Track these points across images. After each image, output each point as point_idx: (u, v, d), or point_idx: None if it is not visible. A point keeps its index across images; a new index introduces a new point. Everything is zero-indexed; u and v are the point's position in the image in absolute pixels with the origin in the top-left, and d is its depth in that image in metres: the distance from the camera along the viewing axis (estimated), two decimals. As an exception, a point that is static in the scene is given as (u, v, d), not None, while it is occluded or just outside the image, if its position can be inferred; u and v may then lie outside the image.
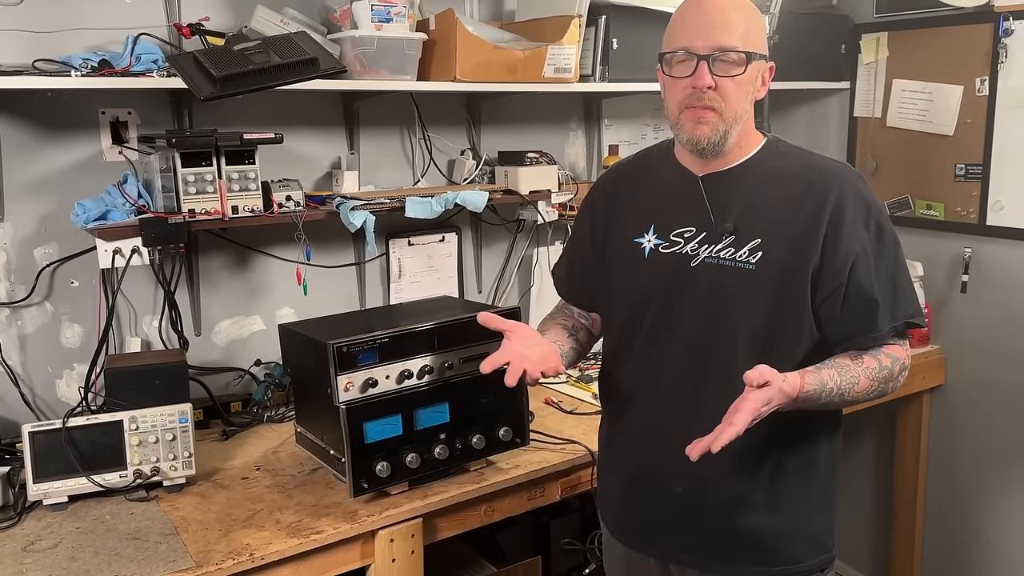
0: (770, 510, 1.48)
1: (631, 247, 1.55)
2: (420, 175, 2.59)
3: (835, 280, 1.41)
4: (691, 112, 1.41)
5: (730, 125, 1.41)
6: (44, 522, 1.70)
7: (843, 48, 2.96)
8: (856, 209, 1.41)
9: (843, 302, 1.41)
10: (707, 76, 1.37)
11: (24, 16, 1.95)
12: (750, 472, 1.47)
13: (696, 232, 1.48)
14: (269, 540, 1.62)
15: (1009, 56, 2.55)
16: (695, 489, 1.49)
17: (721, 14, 1.40)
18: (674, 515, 1.53)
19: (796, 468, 1.48)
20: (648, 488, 1.56)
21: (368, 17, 2.08)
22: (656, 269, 1.51)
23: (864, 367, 1.42)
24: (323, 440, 1.86)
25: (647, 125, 3.03)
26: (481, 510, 1.89)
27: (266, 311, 2.40)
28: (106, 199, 1.99)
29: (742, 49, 1.38)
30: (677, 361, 1.50)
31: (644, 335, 1.53)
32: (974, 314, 2.75)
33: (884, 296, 1.42)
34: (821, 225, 1.40)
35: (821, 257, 1.40)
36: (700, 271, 1.46)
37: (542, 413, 2.24)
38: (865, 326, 1.42)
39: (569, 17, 2.34)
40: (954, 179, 2.73)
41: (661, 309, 1.51)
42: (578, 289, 1.73)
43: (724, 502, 1.48)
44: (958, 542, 2.92)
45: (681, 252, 1.49)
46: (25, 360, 2.10)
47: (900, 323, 1.44)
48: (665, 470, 1.51)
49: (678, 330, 1.49)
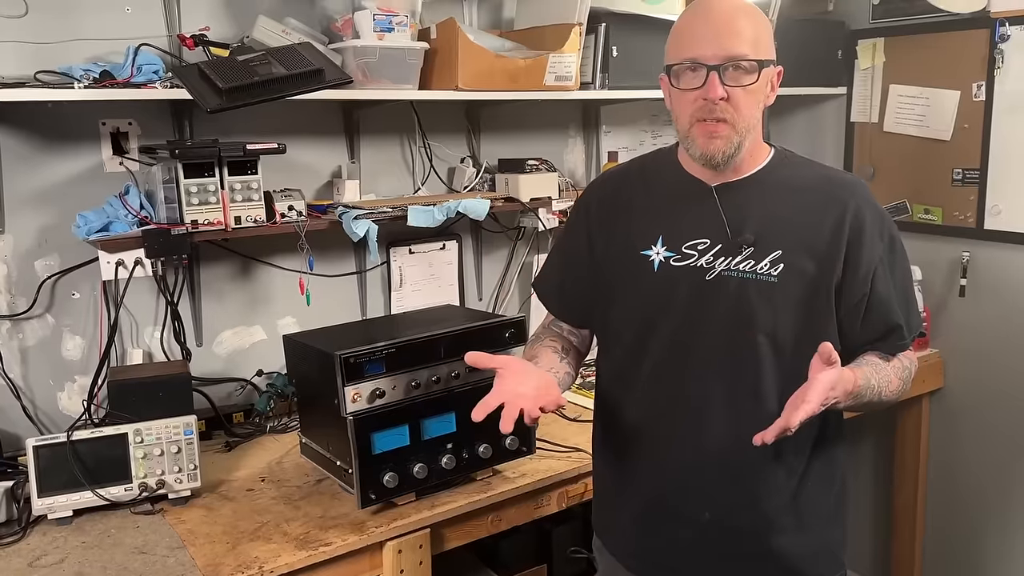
0: (799, 529, 1.45)
1: (638, 260, 1.47)
2: (420, 183, 2.59)
3: (859, 291, 1.40)
4: (703, 127, 1.36)
5: (743, 136, 1.36)
6: (49, 537, 1.69)
7: (840, 54, 2.98)
8: (873, 221, 1.41)
9: (865, 312, 1.41)
10: (719, 87, 1.32)
11: (24, 27, 1.94)
12: (780, 491, 1.43)
13: (711, 244, 1.42)
14: (277, 553, 1.62)
15: (1006, 61, 2.57)
16: (724, 515, 1.44)
17: (729, 22, 1.34)
18: (700, 543, 1.46)
19: (818, 483, 1.46)
20: (670, 517, 1.48)
21: (370, 27, 2.08)
22: (668, 284, 1.44)
23: (892, 366, 1.43)
24: (329, 451, 1.86)
25: (645, 131, 3.04)
26: (488, 519, 1.88)
27: (268, 321, 2.40)
28: (108, 210, 1.99)
29: (753, 57, 1.33)
30: (698, 379, 1.43)
31: (657, 353, 1.46)
32: (972, 318, 2.77)
33: (901, 306, 1.43)
34: (843, 236, 1.39)
35: (844, 269, 1.39)
36: (718, 284, 1.41)
37: (546, 421, 2.19)
38: (889, 335, 1.43)
39: (569, 25, 2.35)
40: (952, 184, 2.75)
41: (677, 325, 1.44)
42: (573, 306, 1.63)
43: (756, 525, 1.44)
44: (959, 545, 2.93)
45: (695, 265, 1.42)
46: (27, 373, 2.08)
47: (917, 333, 1.47)
48: (690, 497, 1.46)
49: (697, 346, 1.43)
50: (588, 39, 2.46)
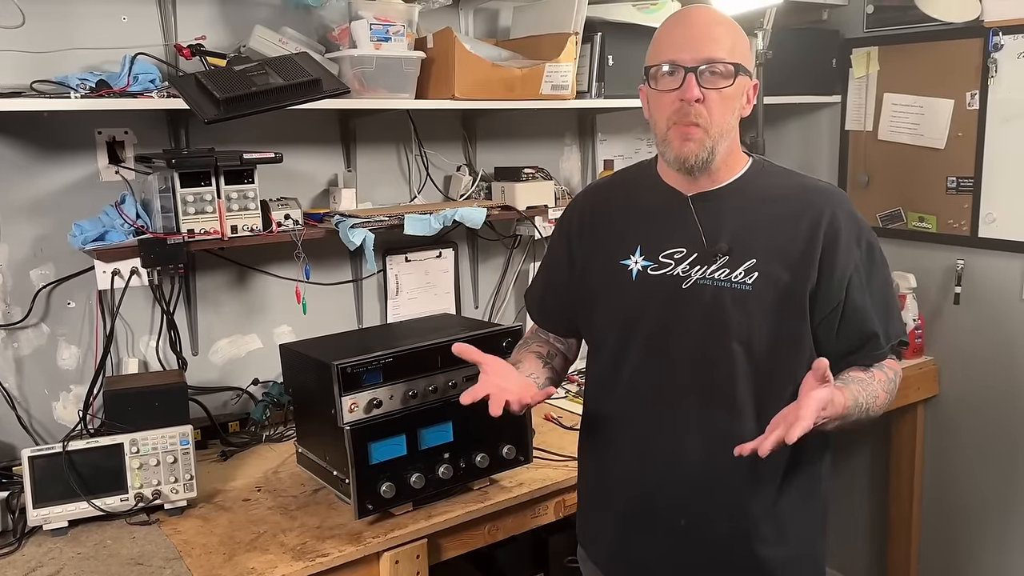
0: (778, 540, 1.45)
1: (617, 269, 1.49)
2: (417, 191, 2.59)
3: (833, 299, 1.41)
4: (678, 129, 1.38)
5: (716, 141, 1.38)
6: (45, 548, 1.69)
7: (834, 62, 2.99)
8: (848, 228, 1.42)
9: (840, 321, 1.42)
10: (695, 88, 1.35)
11: (20, 36, 1.93)
12: (757, 501, 1.43)
13: (687, 253, 1.44)
14: (274, 563, 1.61)
15: (999, 70, 2.59)
16: (699, 523, 1.45)
17: (706, 27, 1.39)
18: (677, 550, 1.47)
19: (799, 493, 1.46)
20: (647, 522, 1.50)
21: (367, 36, 2.08)
22: (645, 292, 1.46)
23: (878, 380, 1.43)
24: (326, 461, 1.85)
25: (640, 139, 3.04)
26: (485, 529, 1.88)
27: (264, 329, 2.39)
28: (104, 220, 1.98)
29: (729, 61, 1.36)
30: (674, 386, 1.45)
31: (635, 360, 1.48)
32: (967, 325, 2.78)
33: (879, 314, 1.43)
34: (817, 244, 1.40)
35: (818, 276, 1.40)
36: (693, 293, 1.42)
37: (542, 429, 2.23)
38: (865, 344, 1.43)
39: (565, 35, 2.36)
40: (946, 192, 2.76)
41: (653, 333, 1.46)
42: (554, 315, 1.68)
43: (732, 533, 1.44)
44: (954, 552, 2.93)
45: (671, 274, 1.45)
46: (21, 382, 2.08)
47: (895, 342, 1.46)
48: (665, 502, 1.47)
49: (673, 354, 1.44)
50: (584, 48, 2.47)
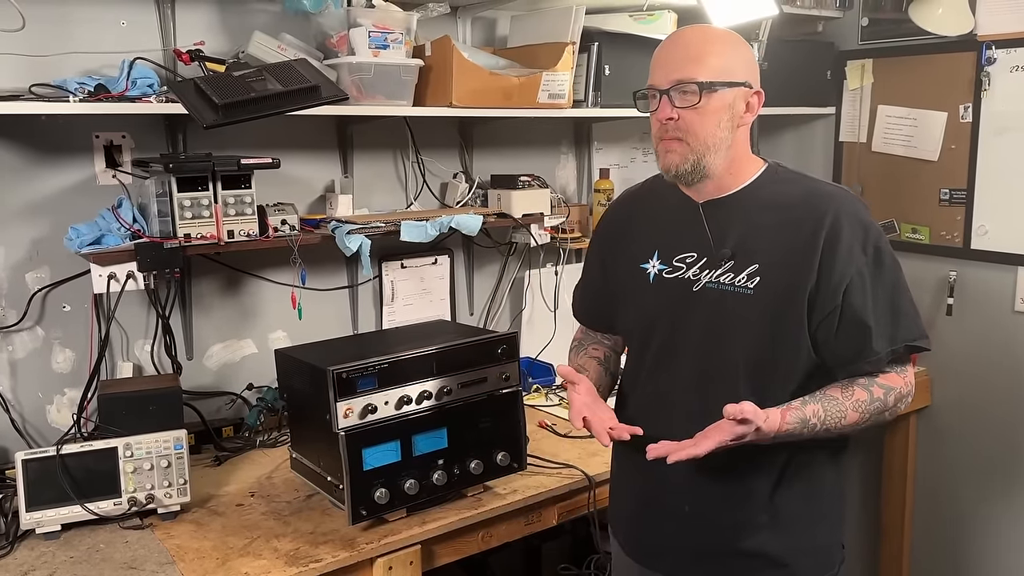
0: (776, 531, 1.50)
1: (638, 272, 1.60)
2: (413, 198, 2.59)
3: (830, 303, 1.42)
4: (662, 143, 1.49)
5: (700, 154, 1.45)
6: (37, 551, 1.68)
7: (829, 74, 3.01)
8: (852, 232, 1.43)
9: (838, 325, 1.43)
10: (666, 109, 1.44)
11: (19, 40, 1.93)
12: (754, 495, 1.50)
13: (697, 258, 1.52)
14: (268, 569, 1.61)
15: (992, 83, 2.61)
16: (701, 510, 1.53)
17: (685, 49, 1.46)
18: (681, 534, 1.56)
19: (801, 489, 1.50)
20: (656, 506, 1.59)
21: (365, 43, 2.09)
22: (661, 294, 1.56)
23: (854, 400, 1.43)
24: (320, 466, 1.85)
25: (636, 148, 3.06)
26: (479, 536, 1.88)
27: (258, 334, 2.39)
28: (100, 223, 1.98)
29: (699, 80, 1.42)
30: (682, 384, 1.53)
31: (652, 358, 1.58)
32: (959, 336, 2.79)
33: (881, 320, 1.43)
34: (817, 248, 1.42)
35: (817, 280, 1.42)
36: (702, 296, 1.50)
37: (536, 437, 2.24)
38: (861, 350, 1.43)
39: (563, 44, 2.37)
40: (939, 203, 2.78)
41: (666, 333, 1.56)
42: (592, 313, 1.80)
43: (731, 524, 1.51)
44: (946, 562, 2.94)
45: (683, 277, 1.53)
46: (16, 385, 2.07)
47: (900, 346, 1.44)
48: (672, 490, 1.55)
49: (682, 354, 1.53)
50: (581, 58, 2.49)
